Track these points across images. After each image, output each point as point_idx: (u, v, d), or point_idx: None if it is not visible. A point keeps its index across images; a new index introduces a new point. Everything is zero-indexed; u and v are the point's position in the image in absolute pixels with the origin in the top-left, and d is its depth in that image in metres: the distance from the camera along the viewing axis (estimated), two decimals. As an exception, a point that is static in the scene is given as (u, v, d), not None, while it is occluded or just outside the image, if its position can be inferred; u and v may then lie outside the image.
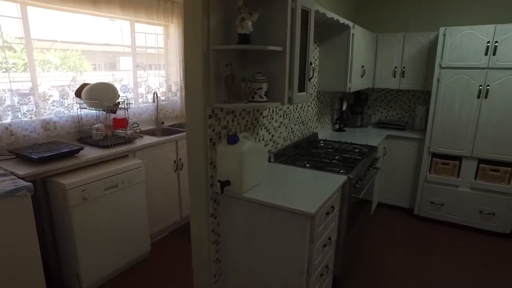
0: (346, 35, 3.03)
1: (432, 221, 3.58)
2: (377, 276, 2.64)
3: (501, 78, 3.02)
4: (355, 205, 2.46)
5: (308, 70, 2.12)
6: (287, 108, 2.71)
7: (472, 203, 3.34)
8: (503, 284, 2.59)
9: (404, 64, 3.72)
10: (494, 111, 3.10)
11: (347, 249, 2.43)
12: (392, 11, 3.97)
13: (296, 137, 2.94)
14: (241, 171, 1.78)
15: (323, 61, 3.18)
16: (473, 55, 3.09)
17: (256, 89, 1.87)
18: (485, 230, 3.36)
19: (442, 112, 3.31)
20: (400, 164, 3.69)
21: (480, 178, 3.28)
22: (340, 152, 2.79)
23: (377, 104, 4.26)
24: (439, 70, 3.26)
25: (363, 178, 2.47)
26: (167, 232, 3.21)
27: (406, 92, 4.06)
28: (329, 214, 1.94)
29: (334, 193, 1.97)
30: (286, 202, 1.75)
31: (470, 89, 3.15)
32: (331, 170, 2.27)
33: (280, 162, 2.47)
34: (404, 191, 3.74)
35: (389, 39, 3.75)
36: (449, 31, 3.17)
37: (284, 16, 1.83)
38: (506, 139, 3.10)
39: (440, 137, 3.36)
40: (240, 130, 2.14)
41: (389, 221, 3.60)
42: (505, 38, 2.96)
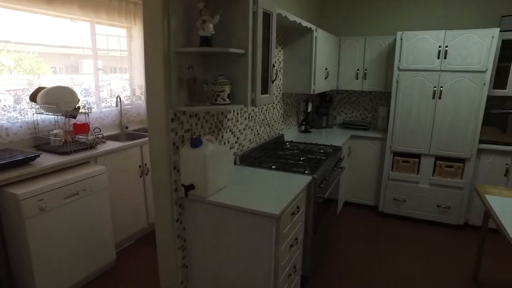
0: (309, 38, 3.09)
1: (395, 217, 3.72)
2: (344, 273, 2.71)
3: (452, 80, 3.21)
4: (321, 204, 2.51)
5: (271, 72, 2.14)
6: (252, 110, 2.72)
7: (431, 198, 3.51)
8: (458, 270, 2.73)
9: (366, 67, 3.85)
10: (447, 111, 3.28)
11: (314, 249, 2.47)
12: (354, 16, 4.10)
13: (262, 139, 2.96)
14: (205, 174, 1.77)
15: (287, 64, 3.23)
16: (427, 58, 3.26)
17: (219, 91, 1.87)
18: (442, 223, 3.54)
19: (402, 112, 3.46)
20: (364, 163, 3.81)
21: (437, 174, 3.46)
22: (305, 153, 2.84)
23: (341, 105, 4.38)
24: (398, 72, 3.40)
25: (328, 178, 2.53)
26: (133, 240, 3.12)
27: (369, 94, 4.21)
28: (294, 214, 1.97)
29: (299, 194, 2.00)
30: (251, 204, 1.75)
31: (426, 90, 3.32)
32: (297, 171, 2.31)
33: (246, 165, 2.47)
34: (369, 189, 3.86)
35: (351, 42, 3.87)
36: (405, 36, 3.32)
37: (245, 19, 1.84)
38: (458, 136, 3.29)
39: (400, 136, 3.51)
40: (204, 133, 2.12)
41: (355, 219, 3.70)
42: (454, 43, 3.15)
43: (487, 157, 3.30)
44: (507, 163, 3.24)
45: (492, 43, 3.05)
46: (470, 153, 3.30)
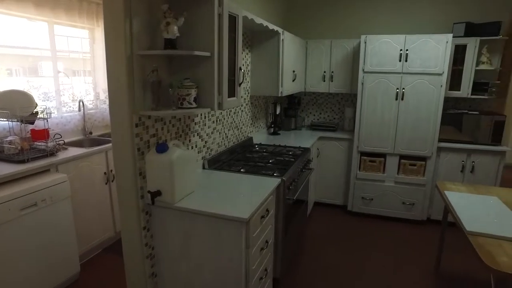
0: (276, 41, 3.11)
1: (364, 215, 3.82)
2: (316, 273, 2.74)
3: (413, 82, 3.35)
4: (291, 206, 2.52)
5: (238, 75, 2.13)
6: (220, 113, 2.69)
7: (396, 196, 3.64)
8: (422, 263, 2.85)
9: (332, 69, 3.94)
10: (409, 112, 3.42)
11: (285, 251, 2.48)
12: (320, 19, 4.19)
13: (231, 143, 2.94)
14: (171, 180, 1.72)
15: (255, 66, 3.23)
16: (390, 61, 3.38)
17: (185, 95, 1.83)
18: (407, 219, 3.68)
19: (367, 113, 3.56)
20: (332, 163, 3.88)
21: (402, 172, 3.60)
22: (274, 155, 2.85)
23: (309, 107, 4.45)
24: (363, 75, 3.50)
25: (297, 179, 2.55)
26: (99, 250, 2.99)
27: (336, 95, 4.30)
28: (264, 217, 1.96)
29: (268, 197, 2.00)
30: (219, 209, 1.73)
31: (389, 91, 3.44)
32: (266, 174, 2.31)
33: (214, 169, 2.44)
34: (337, 189, 3.94)
35: (317, 45, 3.95)
36: (369, 39, 3.42)
37: (211, 21, 1.82)
38: (419, 136, 3.44)
39: (366, 137, 3.61)
40: (170, 138, 2.08)
41: (325, 219, 3.76)
42: (413, 47, 3.29)
43: (446, 155, 3.47)
44: (463, 160, 3.42)
45: (446, 48, 3.21)
46: (431, 152, 3.45)
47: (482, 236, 1.74)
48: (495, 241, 1.70)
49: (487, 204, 2.14)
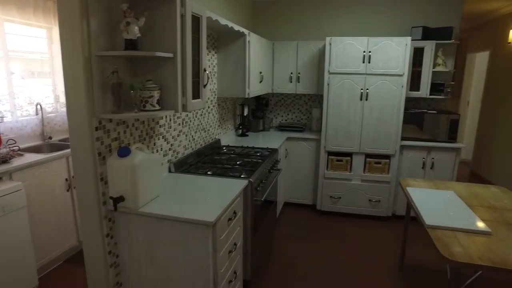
0: (242, 42, 3.11)
1: (332, 214, 3.90)
2: (287, 274, 2.75)
3: (376, 82, 3.46)
4: (259, 207, 2.52)
5: (202, 76, 2.11)
6: (186, 115, 2.65)
7: (363, 194, 3.74)
8: (388, 258, 2.95)
9: (299, 70, 3.99)
10: (373, 111, 3.54)
11: (254, 252, 2.47)
12: (286, 21, 4.24)
13: (198, 145, 2.90)
14: (135, 185, 1.67)
15: (221, 68, 3.21)
16: (354, 63, 3.48)
17: (147, 97, 1.79)
18: (374, 216, 3.80)
19: (333, 114, 3.64)
20: (301, 163, 3.93)
21: (368, 170, 3.71)
22: (242, 156, 2.84)
23: (277, 108, 4.48)
24: (328, 76, 3.58)
25: (264, 180, 2.55)
26: (61, 261, 2.85)
27: (303, 96, 4.37)
28: (232, 220, 1.95)
29: (236, 199, 1.99)
30: (185, 213, 1.70)
31: (354, 92, 3.54)
32: (233, 176, 2.29)
33: (181, 172, 2.40)
34: (306, 189, 4.00)
35: (284, 46, 3.99)
36: (334, 41, 3.50)
37: (173, 22, 1.79)
38: (382, 135, 3.56)
39: (333, 136, 3.69)
40: (134, 141, 2.01)
41: (295, 219, 3.80)
42: (376, 49, 3.40)
43: (408, 153, 3.62)
44: (423, 157, 3.58)
45: (406, 50, 3.35)
46: (394, 150, 3.58)
47: (440, 229, 1.83)
48: (451, 233, 1.79)
49: (444, 199, 2.24)
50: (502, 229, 1.86)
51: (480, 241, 1.72)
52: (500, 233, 1.81)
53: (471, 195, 2.39)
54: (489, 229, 1.81)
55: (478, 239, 1.74)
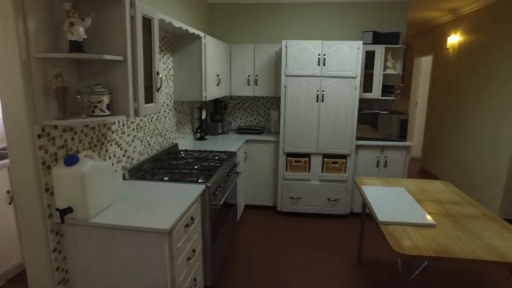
0: (198, 44, 3.07)
1: (293, 215, 3.96)
2: (249, 277, 2.74)
3: (331, 84, 3.57)
4: (219, 211, 2.50)
5: (155, 80, 2.05)
6: (141, 120, 2.56)
7: (322, 193, 3.84)
8: (347, 254, 3.04)
9: (256, 73, 4.02)
10: (329, 113, 3.64)
11: (215, 257, 2.44)
12: (243, 24, 4.25)
13: (154, 150, 2.82)
14: (84, 194, 1.58)
15: (177, 71, 3.15)
16: (309, 65, 3.56)
17: (96, 102, 1.70)
18: (333, 214, 3.90)
19: (291, 115, 3.70)
20: (260, 166, 3.95)
21: (325, 170, 3.81)
22: (200, 161, 2.80)
23: (236, 111, 4.48)
24: (285, 78, 3.63)
25: (223, 184, 2.53)
26: (3, 281, 2.62)
27: (261, 99, 4.40)
28: (189, 226, 1.91)
29: (192, 204, 1.95)
30: (140, 222, 1.63)
31: (310, 94, 3.62)
32: (190, 181, 2.25)
33: (136, 178, 2.31)
34: (267, 191, 4.03)
35: (241, 49, 3.99)
36: (289, 44, 3.56)
37: (122, 23, 1.72)
38: (339, 135, 3.68)
39: (291, 138, 3.75)
40: (83, 148, 1.91)
41: (256, 221, 3.81)
42: (330, 52, 3.51)
43: (363, 152, 3.76)
44: (377, 156, 3.75)
45: (358, 53, 3.49)
46: (350, 149, 3.71)
47: (391, 225, 1.91)
48: (401, 227, 1.88)
49: (395, 195, 2.36)
50: (445, 221, 1.98)
51: (426, 233, 1.82)
52: (443, 225, 1.93)
53: (419, 191, 2.53)
54: (434, 221, 1.93)
55: (425, 231, 1.84)
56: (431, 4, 4.55)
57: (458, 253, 1.64)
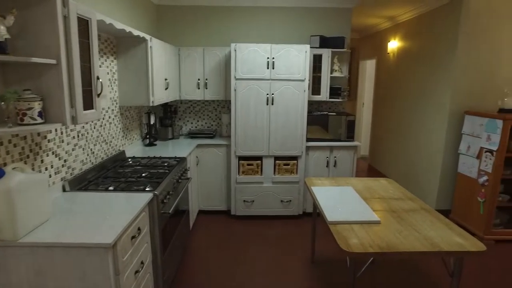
0: (143, 47, 2.95)
1: (247, 218, 3.95)
2: (204, 284, 2.68)
3: (281, 87, 3.63)
4: (169, 219, 2.41)
5: (95, 85, 1.93)
6: (82, 127, 2.41)
7: (275, 195, 3.88)
8: (301, 253, 3.10)
9: (206, 76, 3.96)
10: (279, 115, 3.69)
11: (167, 268, 2.35)
12: (191, 27, 4.18)
13: (99, 158, 2.66)
14: (11, 212, 1.43)
15: (122, 75, 3.01)
16: (259, 69, 3.59)
17: (26, 109, 1.56)
18: (286, 215, 3.96)
19: (242, 119, 3.70)
20: (213, 170, 3.90)
21: (277, 172, 3.85)
22: (148, 168, 2.69)
23: (186, 115, 4.38)
24: (235, 81, 3.62)
25: (172, 191, 2.46)
26: None
27: (212, 102, 4.35)
28: (136, 237, 1.82)
29: (139, 214, 1.86)
30: (79, 237, 1.52)
31: (261, 97, 3.65)
32: (137, 190, 2.15)
33: (79, 190, 2.16)
34: (220, 195, 3.98)
35: (190, 52, 3.92)
36: (239, 47, 3.56)
37: (54, 24, 1.60)
38: (289, 137, 3.75)
39: (243, 141, 3.75)
40: (13, 160, 1.74)
41: (211, 226, 3.75)
42: (279, 55, 3.57)
43: (314, 153, 3.87)
44: (327, 156, 3.87)
45: (306, 57, 3.58)
46: (301, 151, 3.79)
47: (339, 224, 1.97)
48: (348, 226, 1.95)
49: (344, 194, 2.44)
50: (388, 217, 2.09)
51: (372, 230, 1.90)
52: (386, 221, 2.03)
53: (365, 189, 2.64)
54: (378, 218, 2.02)
55: (370, 228, 1.92)
56: (372, 12, 4.81)
57: (399, 247, 1.73)
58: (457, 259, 1.85)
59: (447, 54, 3.87)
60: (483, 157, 3.44)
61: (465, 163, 3.70)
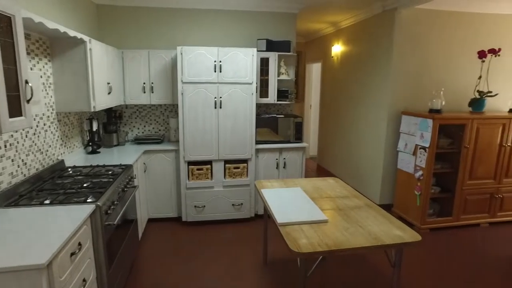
0: (82, 49, 2.77)
1: (199, 224, 3.88)
2: (151, 297, 2.58)
3: (228, 91, 3.62)
4: (115, 231, 2.29)
5: (24, 90, 1.77)
6: (11, 136, 2.19)
7: (226, 199, 3.85)
8: (254, 256, 3.11)
9: (152, 80, 3.83)
10: (228, 118, 3.68)
11: (113, 282, 2.22)
12: (135, 29, 4.02)
13: (33, 170, 2.44)
14: None
15: (59, 79, 2.80)
16: (206, 72, 3.55)
17: None
18: (238, 218, 3.96)
19: (190, 123, 3.62)
20: (162, 177, 3.78)
21: (228, 176, 3.83)
22: (90, 177, 2.53)
23: (133, 120, 4.20)
24: (182, 85, 3.55)
25: (117, 201, 2.33)
26: None
27: (159, 107, 4.22)
28: (76, 254, 1.69)
29: (79, 228, 1.74)
30: (7, 260, 1.37)
31: (208, 101, 3.61)
32: (77, 202, 2.01)
33: (7, 206, 1.96)
34: (170, 202, 3.87)
35: (134, 55, 3.76)
36: (185, 50, 3.49)
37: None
38: (238, 140, 3.75)
39: (191, 146, 3.67)
40: None
41: (161, 234, 3.62)
42: (226, 59, 3.56)
43: (263, 155, 3.91)
44: (276, 158, 3.94)
45: (253, 60, 3.61)
46: (251, 154, 3.81)
47: (289, 225, 2.01)
48: (298, 227, 1.99)
49: (293, 195, 2.49)
50: (335, 215, 2.17)
51: (320, 229, 1.96)
52: (334, 219, 2.11)
53: (314, 189, 2.72)
54: (326, 217, 2.09)
55: (319, 228, 1.98)
56: (315, 17, 4.99)
57: (346, 243, 1.80)
58: (397, 250, 1.98)
59: (385, 59, 4.14)
60: (418, 153, 3.73)
61: (403, 159, 3.98)
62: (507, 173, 3.88)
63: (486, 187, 3.85)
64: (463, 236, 3.67)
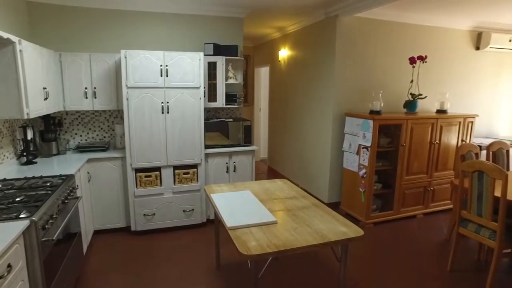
0: (10, 51, 2.56)
1: (149, 232, 3.76)
2: (98, 313, 2.45)
3: (176, 95, 3.56)
4: (54, 247, 2.14)
5: None
6: None
7: (176, 205, 3.78)
8: (207, 261, 3.08)
9: (94, 85, 3.64)
10: (176, 123, 3.62)
11: (53, 301, 2.07)
12: (75, 30, 3.80)
13: (-45, 185, 2.20)
14: None
15: (-16, 84, 2.56)
16: (152, 76, 3.46)
17: None
18: (190, 224, 3.90)
19: (136, 129, 3.50)
20: (108, 186, 3.61)
21: (178, 182, 3.76)
22: (24, 190, 2.34)
23: (74, 128, 3.96)
24: (127, 90, 3.42)
25: (56, 214, 2.18)
26: None
27: (103, 112, 4.03)
28: (5, 277, 1.55)
29: (10, 248, 1.60)
30: None
31: (155, 106, 3.52)
32: (7, 218, 1.84)
33: None
34: (118, 212, 3.70)
35: (74, 58, 3.55)
36: (129, 54, 3.37)
37: None
38: (187, 145, 3.70)
39: (139, 152, 3.55)
40: None
41: (109, 246, 3.45)
42: (172, 63, 3.50)
43: (213, 160, 3.90)
44: (226, 162, 3.95)
45: (200, 64, 3.59)
46: (200, 159, 3.78)
47: (238, 229, 2.02)
48: (247, 229, 2.01)
49: (242, 198, 2.52)
50: (284, 216, 2.23)
51: (269, 231, 2.00)
52: (283, 220, 2.17)
53: (263, 191, 2.77)
54: (275, 218, 2.14)
55: (268, 229, 2.02)
56: (262, 22, 5.09)
57: (295, 243, 1.86)
58: (343, 246, 2.08)
59: (328, 63, 4.34)
60: (361, 152, 3.95)
61: (348, 159, 4.20)
62: (436, 167, 4.26)
63: (421, 181, 4.20)
64: (402, 228, 3.96)
